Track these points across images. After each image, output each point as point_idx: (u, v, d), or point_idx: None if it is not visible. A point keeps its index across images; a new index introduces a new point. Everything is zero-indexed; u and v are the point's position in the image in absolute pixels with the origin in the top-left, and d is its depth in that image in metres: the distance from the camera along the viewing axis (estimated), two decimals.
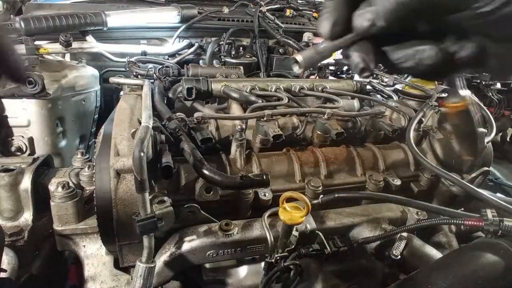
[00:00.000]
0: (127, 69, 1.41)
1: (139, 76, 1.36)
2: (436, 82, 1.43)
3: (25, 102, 1.35)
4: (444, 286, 0.64)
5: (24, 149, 1.42)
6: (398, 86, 1.43)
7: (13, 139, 1.40)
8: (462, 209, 0.92)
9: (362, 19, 0.37)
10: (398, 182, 1.10)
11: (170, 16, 1.79)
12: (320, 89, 1.35)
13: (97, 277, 0.94)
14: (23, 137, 1.41)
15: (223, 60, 1.66)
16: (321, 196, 0.98)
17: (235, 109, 1.23)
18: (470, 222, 0.82)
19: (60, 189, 0.97)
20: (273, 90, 1.29)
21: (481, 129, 1.15)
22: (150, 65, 1.49)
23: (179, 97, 1.27)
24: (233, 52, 1.71)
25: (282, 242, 0.85)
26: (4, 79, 0.48)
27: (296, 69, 0.47)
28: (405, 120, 1.26)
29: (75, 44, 1.48)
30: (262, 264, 0.93)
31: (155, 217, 0.72)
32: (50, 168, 1.16)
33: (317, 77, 1.69)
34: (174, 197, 0.82)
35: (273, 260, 0.87)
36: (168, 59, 1.68)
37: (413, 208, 1.02)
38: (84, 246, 0.99)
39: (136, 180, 0.70)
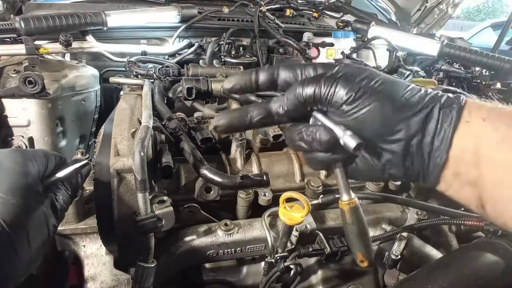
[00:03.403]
0: (127, 69, 1.41)
1: (139, 76, 1.36)
2: (436, 82, 1.43)
3: (25, 102, 1.35)
4: (444, 286, 0.64)
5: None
6: None
7: (13, 139, 1.40)
8: (462, 209, 0.93)
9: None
10: (398, 182, 1.10)
11: (170, 16, 1.79)
12: None
13: (97, 277, 0.93)
14: (23, 137, 1.40)
15: (223, 60, 1.66)
16: (321, 196, 0.98)
17: None
18: (470, 222, 0.83)
19: None
20: (273, 90, 1.28)
21: None
22: (150, 65, 1.48)
23: (179, 97, 1.27)
24: (233, 52, 1.71)
25: (282, 242, 0.85)
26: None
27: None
28: None
29: (75, 44, 1.47)
30: (262, 264, 0.93)
31: (155, 217, 0.72)
32: None
33: None
34: (174, 197, 0.82)
35: (273, 260, 0.87)
36: (168, 59, 1.68)
37: (413, 208, 1.02)
38: (84, 246, 0.99)
39: (136, 180, 0.70)
